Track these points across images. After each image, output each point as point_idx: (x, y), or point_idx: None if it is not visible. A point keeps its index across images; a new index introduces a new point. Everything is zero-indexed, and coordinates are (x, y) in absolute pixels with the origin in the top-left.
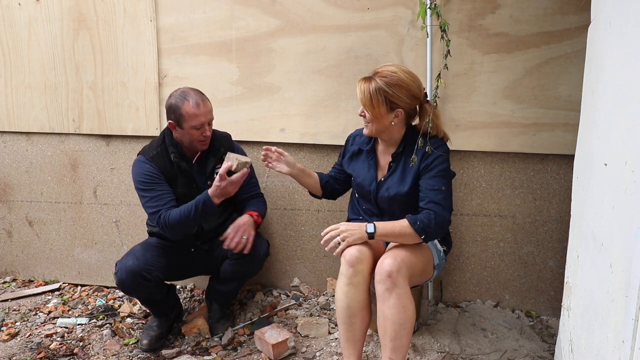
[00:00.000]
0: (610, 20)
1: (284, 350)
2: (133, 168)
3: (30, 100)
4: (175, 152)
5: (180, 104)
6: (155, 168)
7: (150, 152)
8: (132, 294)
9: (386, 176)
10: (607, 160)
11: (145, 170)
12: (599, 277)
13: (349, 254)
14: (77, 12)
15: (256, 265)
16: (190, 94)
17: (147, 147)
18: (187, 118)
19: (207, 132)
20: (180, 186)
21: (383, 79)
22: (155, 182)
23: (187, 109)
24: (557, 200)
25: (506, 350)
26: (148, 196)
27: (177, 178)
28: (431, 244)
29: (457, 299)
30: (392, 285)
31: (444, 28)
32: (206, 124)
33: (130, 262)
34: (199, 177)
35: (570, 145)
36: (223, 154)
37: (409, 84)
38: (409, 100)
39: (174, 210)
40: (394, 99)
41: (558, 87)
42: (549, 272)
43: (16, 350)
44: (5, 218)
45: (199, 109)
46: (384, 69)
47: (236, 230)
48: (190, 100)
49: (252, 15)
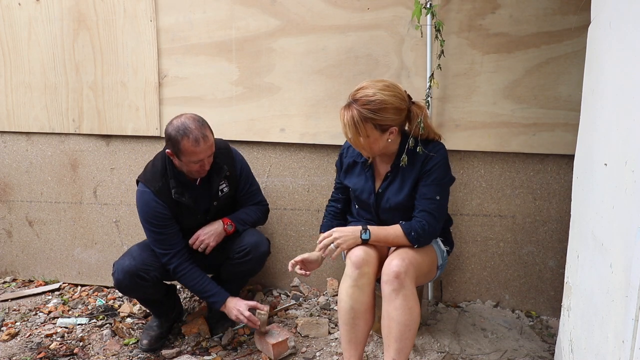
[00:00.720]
0: (610, 20)
1: (284, 350)
2: (140, 201)
3: (30, 100)
4: (176, 186)
5: (179, 138)
6: (164, 207)
7: (155, 185)
8: (130, 295)
9: (384, 186)
10: (607, 160)
11: (155, 211)
12: (599, 277)
13: (354, 256)
14: (77, 12)
15: (258, 264)
16: (191, 129)
17: (149, 174)
18: (186, 154)
19: (206, 166)
20: (186, 217)
21: (365, 107)
22: (164, 225)
23: (186, 146)
24: (557, 200)
25: (506, 350)
26: (156, 238)
27: (182, 211)
28: (435, 244)
29: (457, 299)
30: (399, 286)
31: (438, 28)
32: (205, 159)
33: (127, 262)
34: (203, 201)
35: (570, 145)
36: (227, 171)
37: (392, 102)
38: (397, 117)
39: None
40: (383, 122)
41: (558, 87)
42: (549, 272)
43: (16, 350)
44: (5, 218)
45: (198, 147)
46: (363, 96)
47: (197, 237)
48: (190, 136)
49: (252, 15)
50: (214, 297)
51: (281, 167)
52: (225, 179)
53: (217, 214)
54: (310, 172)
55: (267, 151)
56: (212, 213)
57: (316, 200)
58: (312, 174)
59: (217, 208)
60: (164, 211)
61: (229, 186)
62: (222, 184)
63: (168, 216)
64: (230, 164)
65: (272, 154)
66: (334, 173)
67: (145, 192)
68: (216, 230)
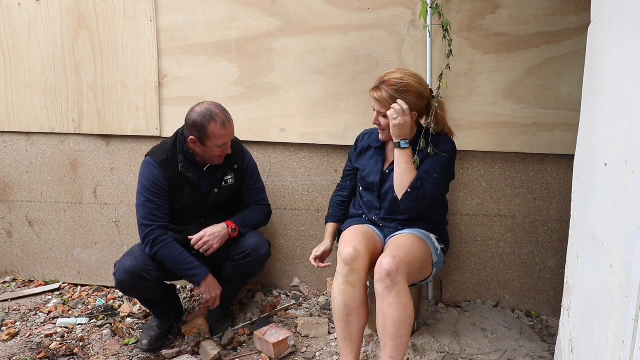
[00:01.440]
0: (610, 20)
1: (285, 349)
2: (142, 169)
3: (30, 100)
4: (184, 161)
5: (206, 123)
6: (164, 177)
7: (160, 156)
8: (131, 295)
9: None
10: (607, 160)
11: (154, 178)
12: (599, 277)
13: (344, 253)
14: (77, 12)
15: (258, 266)
16: (217, 114)
17: (157, 148)
18: (212, 138)
19: (228, 150)
20: (186, 196)
21: (392, 87)
22: (158, 194)
23: (213, 130)
24: (557, 200)
25: (506, 350)
26: (146, 205)
27: (184, 187)
28: (429, 241)
29: (457, 299)
30: (391, 284)
31: (447, 28)
32: (229, 142)
33: (128, 262)
34: (205, 184)
35: (570, 145)
36: (235, 162)
37: (416, 87)
38: (419, 102)
39: (169, 247)
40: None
41: (558, 87)
42: (549, 272)
43: (16, 350)
44: (5, 218)
45: (225, 130)
46: (391, 77)
47: (201, 237)
48: (217, 120)
49: (252, 15)
50: (195, 269)
51: (281, 167)
52: (232, 172)
53: (218, 205)
54: (310, 172)
55: (267, 151)
56: (212, 200)
57: (316, 200)
58: (312, 174)
59: (218, 197)
60: (163, 180)
61: (234, 179)
62: (228, 175)
63: (165, 187)
64: (240, 157)
65: (272, 154)
66: (334, 173)
67: (149, 162)
68: (220, 233)
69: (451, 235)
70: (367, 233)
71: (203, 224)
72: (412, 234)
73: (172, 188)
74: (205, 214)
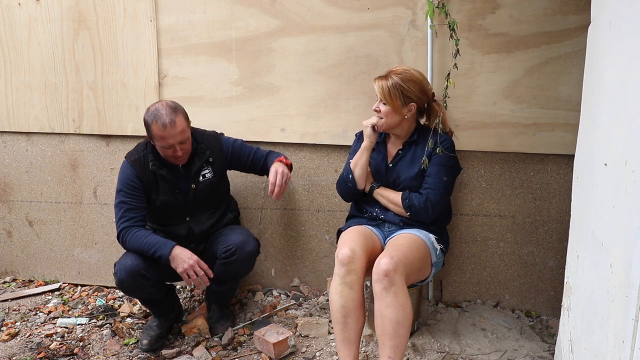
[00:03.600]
0: (610, 20)
1: (285, 349)
2: (119, 170)
3: (30, 100)
4: (154, 160)
5: (150, 122)
6: (134, 175)
7: (133, 155)
8: (131, 294)
9: (395, 161)
10: (607, 160)
11: (126, 177)
12: (599, 277)
13: (341, 254)
14: (77, 12)
15: (245, 264)
16: (162, 114)
17: (133, 149)
18: (156, 139)
19: (177, 152)
20: (162, 193)
21: (398, 75)
22: (131, 194)
23: (155, 131)
24: (557, 200)
25: (506, 350)
26: (120, 205)
27: (158, 185)
28: (428, 241)
29: (457, 299)
30: (389, 284)
31: (453, 27)
32: (176, 144)
33: (129, 262)
34: (182, 181)
35: (570, 145)
36: (209, 156)
37: (421, 80)
38: (420, 95)
39: (136, 235)
40: (408, 93)
41: (558, 87)
42: (549, 272)
43: (16, 350)
44: (5, 218)
45: (165, 132)
46: (398, 68)
47: (275, 174)
48: (159, 121)
49: (252, 15)
50: (158, 250)
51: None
52: (209, 165)
53: (200, 201)
54: (310, 172)
55: None
56: (190, 196)
57: (316, 200)
58: (312, 174)
59: (197, 192)
60: (134, 180)
61: (213, 173)
62: (205, 170)
63: (137, 186)
64: (216, 151)
65: None
66: (334, 173)
67: (124, 162)
68: (281, 165)
69: (451, 235)
70: (365, 234)
71: (188, 222)
72: (411, 234)
73: (146, 186)
74: (188, 212)
